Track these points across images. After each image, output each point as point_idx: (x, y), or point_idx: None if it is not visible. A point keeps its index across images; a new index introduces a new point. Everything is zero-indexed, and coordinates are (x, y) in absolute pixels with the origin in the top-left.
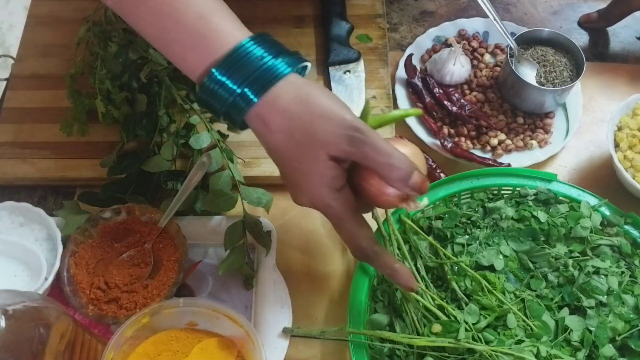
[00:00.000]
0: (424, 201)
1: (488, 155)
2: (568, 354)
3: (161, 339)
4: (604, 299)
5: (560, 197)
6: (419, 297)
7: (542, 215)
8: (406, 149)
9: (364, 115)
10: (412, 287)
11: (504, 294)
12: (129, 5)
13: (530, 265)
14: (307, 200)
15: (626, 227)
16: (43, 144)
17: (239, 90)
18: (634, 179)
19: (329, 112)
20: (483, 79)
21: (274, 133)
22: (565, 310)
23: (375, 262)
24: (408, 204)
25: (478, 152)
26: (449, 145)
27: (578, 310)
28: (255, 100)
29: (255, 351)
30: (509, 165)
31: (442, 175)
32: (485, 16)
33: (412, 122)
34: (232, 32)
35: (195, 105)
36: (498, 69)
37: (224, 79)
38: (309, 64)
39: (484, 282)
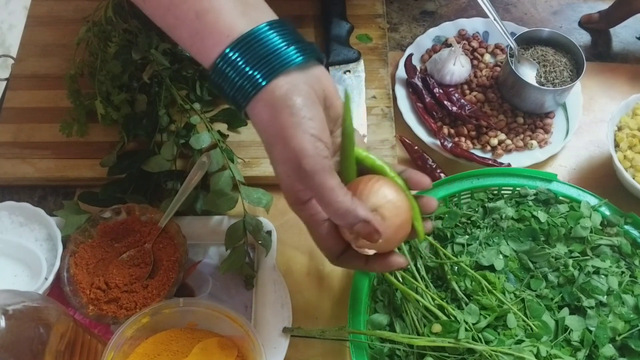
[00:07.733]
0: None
1: (488, 155)
2: (568, 354)
3: (161, 339)
4: (604, 299)
5: (560, 197)
6: (419, 297)
7: (542, 215)
8: (388, 192)
9: (346, 115)
10: (394, 266)
11: (504, 294)
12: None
13: (530, 265)
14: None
15: (626, 227)
16: (43, 144)
17: (250, 72)
18: (634, 179)
19: (287, 138)
20: (483, 79)
21: (257, 125)
22: (565, 310)
23: (345, 266)
24: (362, 246)
25: (478, 152)
26: (449, 145)
27: (578, 310)
28: (263, 84)
29: (255, 351)
30: (509, 165)
31: (442, 175)
32: (485, 16)
33: (412, 122)
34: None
35: (196, 105)
36: (498, 69)
37: (235, 57)
38: (323, 58)
39: (484, 282)
